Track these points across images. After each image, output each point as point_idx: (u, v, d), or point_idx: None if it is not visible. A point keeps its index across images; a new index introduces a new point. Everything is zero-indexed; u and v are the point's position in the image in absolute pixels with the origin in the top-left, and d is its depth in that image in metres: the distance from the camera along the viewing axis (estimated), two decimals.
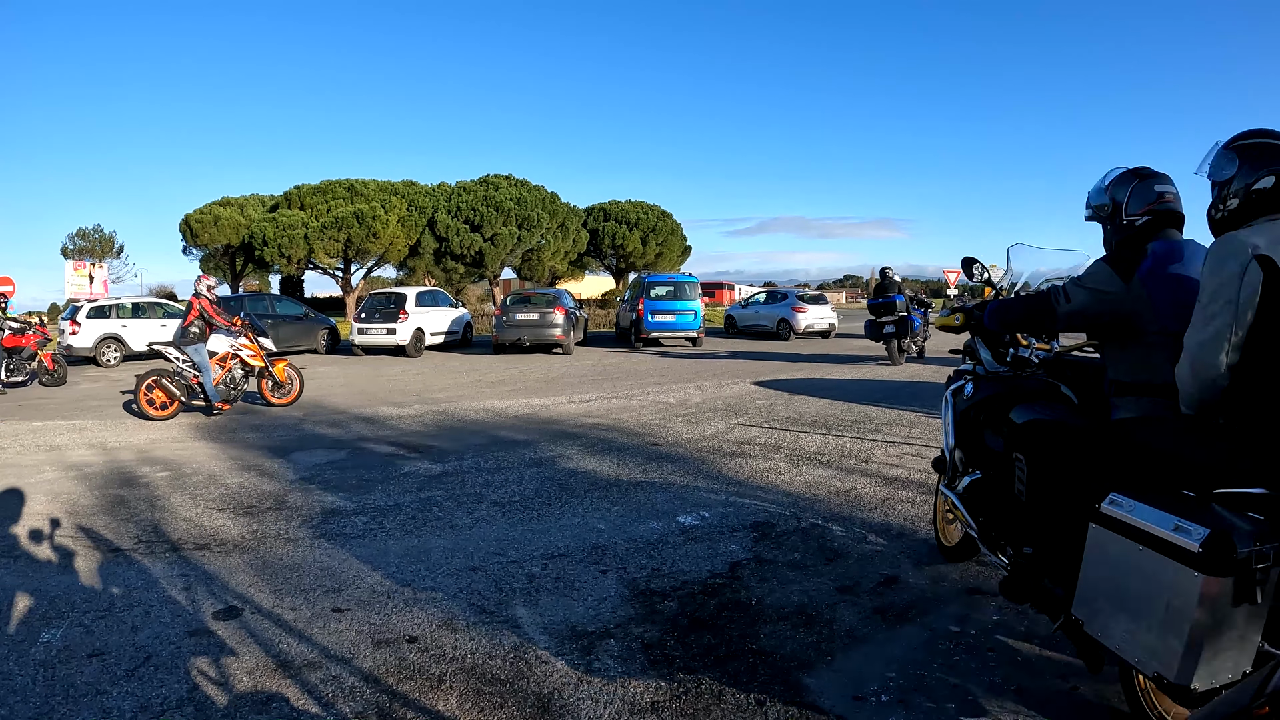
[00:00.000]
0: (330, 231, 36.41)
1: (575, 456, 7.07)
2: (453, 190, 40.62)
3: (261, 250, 36.84)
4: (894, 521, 5.04)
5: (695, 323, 20.13)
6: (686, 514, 5.24)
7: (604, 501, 5.60)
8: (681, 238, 45.36)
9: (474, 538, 4.86)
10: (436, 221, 38.77)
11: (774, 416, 8.99)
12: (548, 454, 7.21)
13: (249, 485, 6.29)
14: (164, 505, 5.71)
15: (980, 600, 3.80)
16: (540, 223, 39.56)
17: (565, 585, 4.05)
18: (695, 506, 5.41)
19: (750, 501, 5.50)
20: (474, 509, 5.50)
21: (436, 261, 40.68)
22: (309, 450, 7.66)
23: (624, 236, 43.15)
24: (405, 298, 19.95)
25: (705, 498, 5.64)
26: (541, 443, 7.73)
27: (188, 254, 42.39)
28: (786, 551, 4.49)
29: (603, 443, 7.66)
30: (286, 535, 4.97)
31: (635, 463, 6.77)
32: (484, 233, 38.66)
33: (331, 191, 38.56)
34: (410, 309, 19.51)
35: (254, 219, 38.79)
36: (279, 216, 37.30)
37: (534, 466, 6.73)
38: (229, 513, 5.50)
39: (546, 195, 40.95)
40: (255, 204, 41.70)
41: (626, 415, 9.28)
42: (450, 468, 6.78)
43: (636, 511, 5.33)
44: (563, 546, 4.65)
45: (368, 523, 5.23)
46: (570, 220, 41.85)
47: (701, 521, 5.07)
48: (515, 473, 6.52)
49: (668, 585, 4.02)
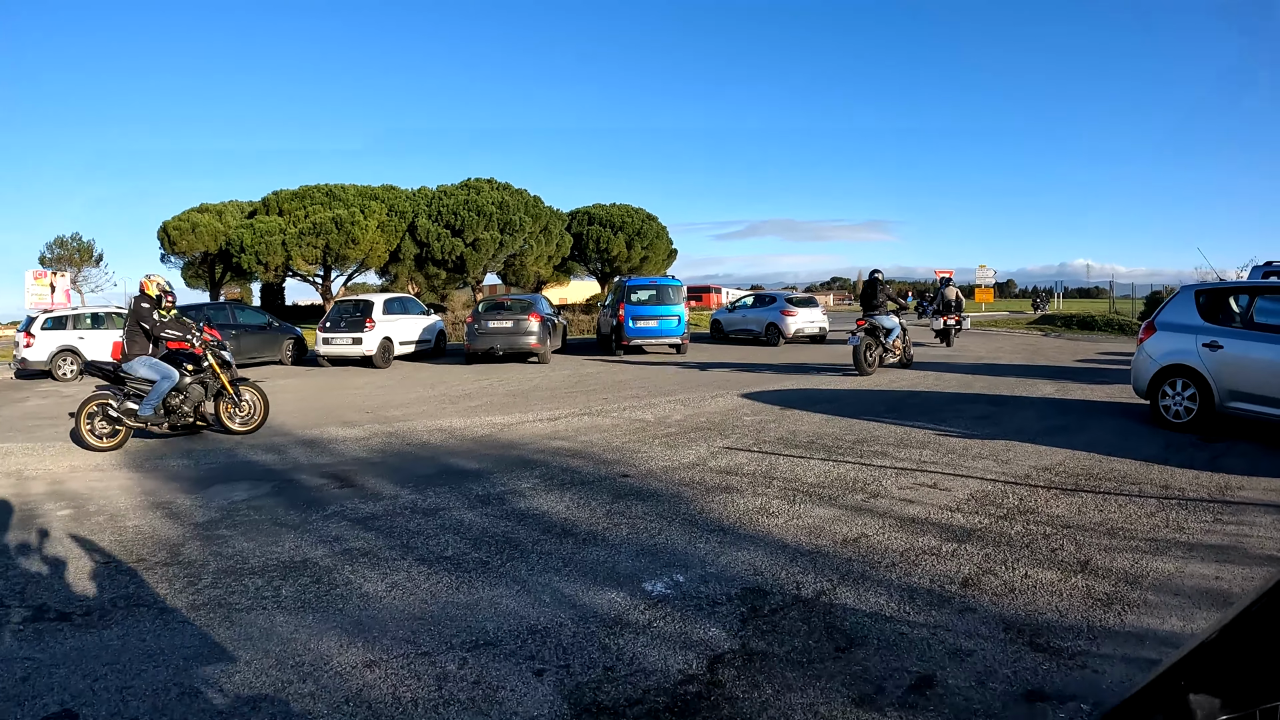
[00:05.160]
0: (308, 238, 35.45)
1: (530, 493, 5.98)
2: (433, 195, 39.79)
3: (239, 257, 35.83)
4: (919, 584, 3.98)
5: (679, 328, 18.95)
6: (655, 578, 4.16)
7: (555, 559, 4.52)
8: (667, 241, 44.42)
9: (383, 614, 3.77)
10: (417, 226, 37.87)
11: (764, 437, 7.93)
12: (499, 489, 6.13)
13: (148, 529, 5.31)
14: (45, 557, 4.79)
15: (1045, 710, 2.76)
16: (523, 227, 38.75)
17: (485, 696, 2.97)
18: (667, 566, 4.33)
19: (737, 557, 4.43)
20: (394, 569, 4.42)
21: (418, 267, 39.65)
22: (232, 483, 6.62)
23: (608, 240, 42.18)
24: (372, 305, 18.82)
25: (680, 552, 4.56)
26: (495, 474, 6.65)
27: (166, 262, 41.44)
28: (784, 637, 3.41)
29: (565, 473, 6.58)
30: (162, 604, 3.98)
31: (599, 501, 5.69)
32: (465, 237, 37.81)
33: (310, 197, 37.60)
34: (377, 317, 18.38)
35: (232, 225, 37.81)
36: (256, 223, 36.32)
37: (479, 507, 5.65)
38: (111, 570, 4.53)
39: (529, 199, 40.15)
40: (234, 210, 40.74)
41: (597, 437, 8.20)
42: (382, 508, 5.70)
43: (593, 575, 4.25)
44: (492, 630, 3.56)
45: (262, 587, 4.17)
46: (553, 224, 40.98)
47: (674, 589, 3.99)
48: (455, 516, 5.44)
49: (623, 697, 2.95)
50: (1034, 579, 4.06)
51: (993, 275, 42.17)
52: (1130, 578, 4.09)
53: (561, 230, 41.54)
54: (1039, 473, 6.27)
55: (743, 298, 25.29)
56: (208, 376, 8.90)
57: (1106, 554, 4.43)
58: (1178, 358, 7.92)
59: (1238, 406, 7.52)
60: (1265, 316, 7.57)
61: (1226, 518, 5.15)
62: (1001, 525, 4.94)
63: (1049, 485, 5.89)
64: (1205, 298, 8.03)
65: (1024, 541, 4.64)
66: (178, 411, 8.63)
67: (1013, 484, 5.92)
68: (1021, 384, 12.00)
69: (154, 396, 8.34)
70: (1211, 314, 7.91)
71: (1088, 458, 6.82)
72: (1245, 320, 7.70)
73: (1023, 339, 23.13)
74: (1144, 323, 8.72)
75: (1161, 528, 4.93)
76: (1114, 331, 24.68)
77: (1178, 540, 4.67)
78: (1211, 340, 7.68)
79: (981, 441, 7.49)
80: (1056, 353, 18.30)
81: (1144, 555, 4.41)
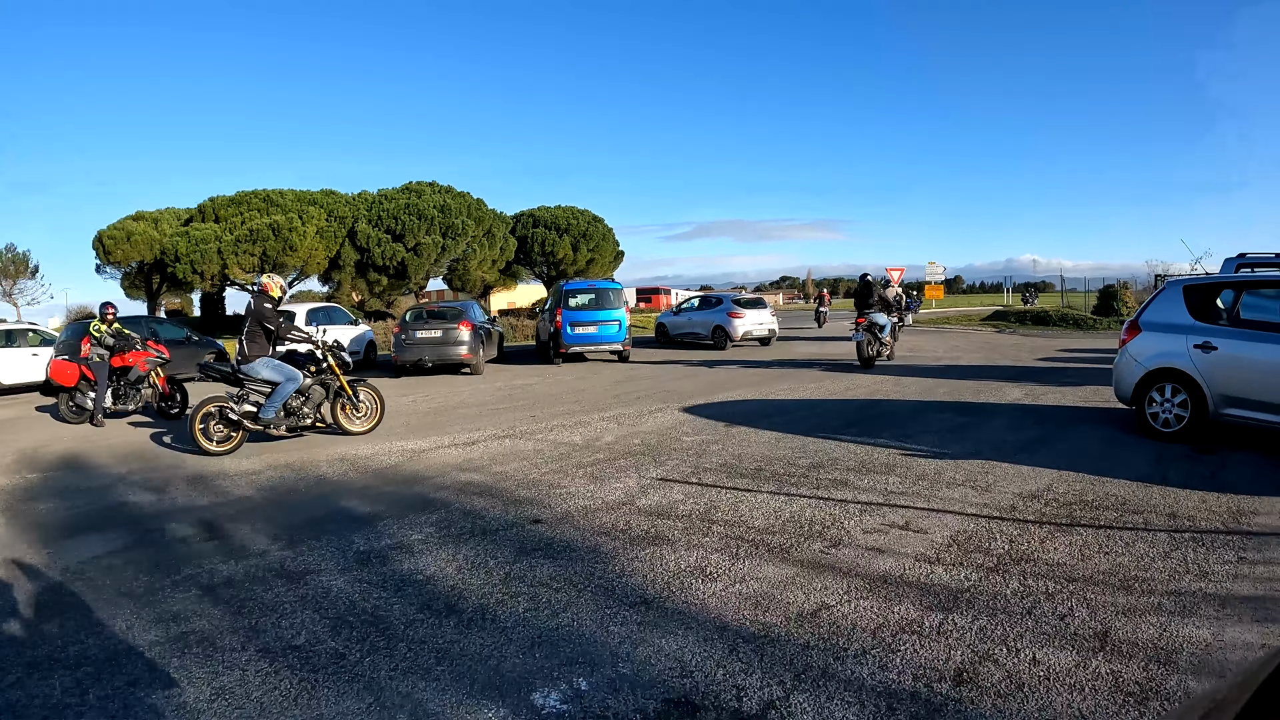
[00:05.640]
0: (245, 245, 33.73)
1: (420, 548, 4.86)
2: (374, 199, 38.32)
3: (174, 267, 33.98)
4: (898, 683, 2.98)
5: (620, 334, 17.72)
6: (550, 684, 3.08)
7: (427, 650, 3.42)
8: (614, 243, 43.38)
9: None
10: (357, 232, 36.39)
11: (705, 463, 6.88)
12: (385, 541, 5.00)
13: None
14: None
15: None
16: (465, 231, 37.49)
17: None
18: (569, 663, 3.25)
19: (661, 646, 3.37)
20: (229, 664, 3.36)
21: (359, 274, 38.11)
22: (94, 533, 5.54)
23: (554, 243, 41.01)
24: (293, 317, 17.47)
25: (588, 639, 3.48)
26: (386, 519, 5.52)
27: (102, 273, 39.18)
28: None
29: (467, 518, 5.47)
30: None
31: (499, 559, 4.59)
32: (406, 242, 36.47)
33: (247, 203, 35.79)
34: None
35: (168, 234, 35.83)
36: (192, 230, 34.51)
37: (355, 570, 4.52)
38: None
39: (472, 201, 38.94)
40: (170, 218, 38.68)
41: (514, 466, 7.08)
42: (244, 570, 4.58)
43: (469, 680, 3.16)
44: None
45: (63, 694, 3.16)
46: (497, 227, 39.74)
47: (572, 704, 2.92)
48: (324, 582, 4.31)
49: None
50: (1045, 665, 3.09)
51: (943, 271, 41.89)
52: (1162, 654, 3.16)
53: (506, 233, 40.32)
54: (1025, 502, 5.34)
55: (689, 299, 24.21)
56: (328, 377, 8.79)
57: (1127, 619, 3.49)
58: (1166, 360, 7.09)
59: (1234, 414, 6.72)
60: (1264, 314, 6.74)
61: (1251, 554, 4.29)
62: (993, 581, 3.97)
63: (1040, 519, 4.96)
64: (1196, 294, 7.20)
65: (1024, 606, 3.67)
66: (298, 413, 8.54)
67: (998, 519, 4.97)
68: (987, 388, 11.17)
69: (277, 398, 8.27)
70: (1203, 311, 7.09)
71: (1076, 479, 5.93)
72: (1241, 318, 6.87)
73: (978, 336, 22.54)
74: (1126, 322, 7.86)
75: (1182, 573, 4.03)
76: (1069, 327, 24.26)
77: (1205, 592, 3.77)
78: (1204, 341, 6.86)
79: (955, 462, 6.56)
80: (1015, 350, 17.66)
81: (1171, 618, 3.49)
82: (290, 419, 8.47)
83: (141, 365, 11.38)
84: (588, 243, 41.48)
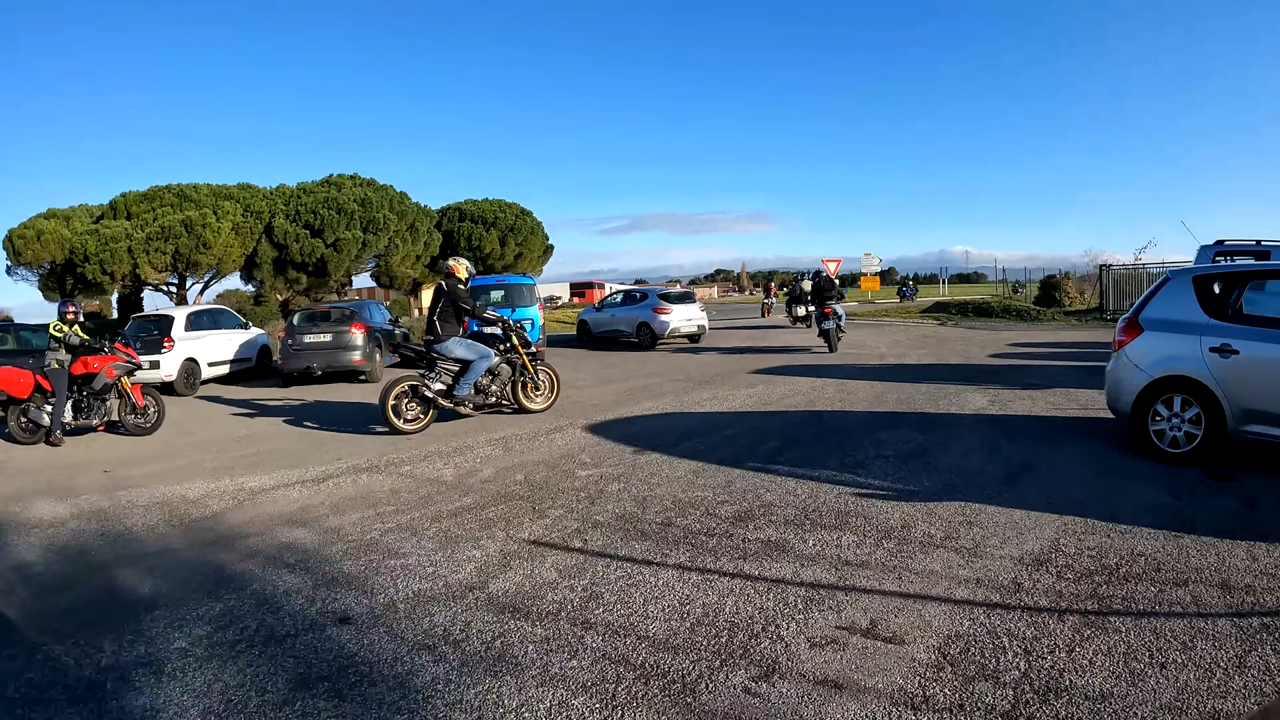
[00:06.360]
0: (156, 243, 30.87)
1: (175, 666, 3.16)
2: (292, 193, 35.81)
3: (83, 267, 30.91)
4: None
5: (533, 334, 15.82)
6: None
7: None
8: (543, 237, 41.51)
9: None
10: (274, 227, 33.81)
11: (597, 513, 5.20)
12: (135, 653, 3.33)
13: None
14: None
15: None
16: (387, 225, 35.28)
17: None
18: None
19: None
20: None
21: (277, 271, 35.48)
22: None
23: (480, 237, 39.05)
24: (171, 321, 15.36)
25: None
26: (159, 610, 3.83)
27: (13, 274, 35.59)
28: None
29: (261, 609, 3.75)
30: None
31: (268, 698, 2.89)
32: (326, 238, 34.04)
33: (160, 198, 32.93)
34: (178, 335, 14.86)
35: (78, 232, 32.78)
36: (102, 228, 31.51)
37: (82, 704, 2.82)
38: None
39: (394, 195, 36.69)
40: (83, 215, 35.33)
41: (355, 519, 5.33)
42: None
43: None
44: None
45: None
46: (421, 221, 37.59)
47: None
48: None
49: None
50: None
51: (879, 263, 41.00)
52: None
53: (430, 228, 38.16)
54: (1031, 574, 3.83)
55: (613, 294, 22.39)
56: (513, 356, 9.06)
57: None
58: (1175, 367, 5.69)
59: (1258, 431, 5.37)
60: None
61: None
62: None
63: (1057, 606, 3.46)
64: (1210, 285, 5.81)
65: None
66: (486, 391, 8.78)
67: (1000, 609, 3.45)
68: (944, 392, 9.74)
69: (471, 375, 8.52)
70: (1219, 307, 5.69)
71: (1085, 529, 4.47)
72: (1266, 315, 5.50)
73: (920, 330, 21.34)
74: (1123, 319, 6.40)
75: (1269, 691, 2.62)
76: (1012, 318, 23.30)
77: None
78: (1223, 343, 5.48)
79: (925, 506, 5.02)
80: (963, 345, 16.42)
81: None
82: (479, 396, 8.69)
83: (109, 371, 9.46)
84: (515, 236, 39.62)
